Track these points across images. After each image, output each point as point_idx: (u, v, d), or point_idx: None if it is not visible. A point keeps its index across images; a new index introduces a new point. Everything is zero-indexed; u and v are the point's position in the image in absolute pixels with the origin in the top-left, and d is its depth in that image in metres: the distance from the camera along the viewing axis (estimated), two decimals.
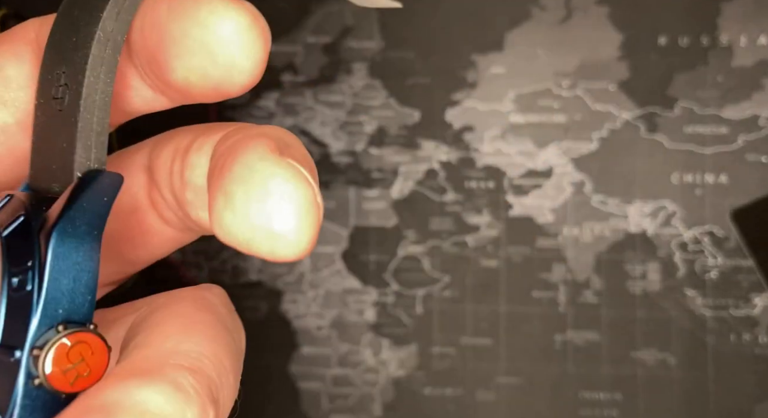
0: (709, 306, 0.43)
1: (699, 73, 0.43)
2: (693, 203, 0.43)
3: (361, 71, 0.44)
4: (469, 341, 0.44)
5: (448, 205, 0.44)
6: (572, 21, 0.44)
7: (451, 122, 0.44)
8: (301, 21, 0.45)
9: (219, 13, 0.15)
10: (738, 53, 0.43)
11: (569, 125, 0.44)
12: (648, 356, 0.43)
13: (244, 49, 0.15)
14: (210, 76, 0.15)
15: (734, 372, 0.43)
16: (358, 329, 0.44)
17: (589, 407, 0.43)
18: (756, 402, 0.42)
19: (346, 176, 0.44)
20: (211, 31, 0.15)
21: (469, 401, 0.44)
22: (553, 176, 0.44)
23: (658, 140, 0.43)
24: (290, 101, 0.44)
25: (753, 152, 0.43)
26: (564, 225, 0.44)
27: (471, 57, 0.44)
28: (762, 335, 0.43)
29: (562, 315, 0.43)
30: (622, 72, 0.43)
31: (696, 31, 0.43)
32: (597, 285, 0.43)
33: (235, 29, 0.15)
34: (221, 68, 0.15)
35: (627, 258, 0.43)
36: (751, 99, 0.43)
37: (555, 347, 0.43)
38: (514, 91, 0.44)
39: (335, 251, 0.44)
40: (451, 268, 0.44)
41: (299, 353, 0.44)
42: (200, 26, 0.15)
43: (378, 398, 0.44)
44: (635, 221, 0.43)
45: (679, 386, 0.43)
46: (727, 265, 0.43)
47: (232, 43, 0.15)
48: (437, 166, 0.44)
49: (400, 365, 0.44)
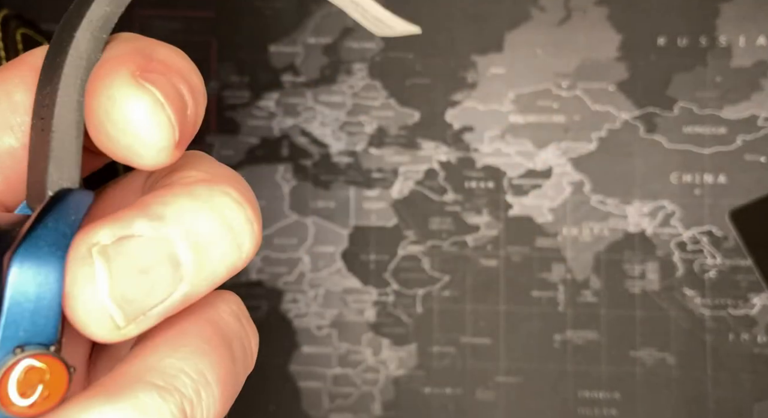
0: (708, 306, 0.43)
1: (698, 73, 0.43)
2: (692, 203, 0.43)
3: (362, 72, 0.45)
4: (469, 341, 0.44)
5: (447, 205, 0.44)
6: (571, 22, 0.44)
7: (451, 122, 0.44)
8: (301, 22, 0.45)
9: (116, 98, 0.15)
10: (737, 54, 0.43)
11: (569, 125, 0.44)
12: (647, 356, 0.43)
13: (141, 137, 0.15)
14: (114, 153, 0.16)
15: (733, 371, 0.43)
16: (358, 329, 0.44)
17: (588, 406, 0.43)
18: (755, 401, 0.42)
19: (347, 176, 0.44)
20: (107, 115, 0.15)
21: (469, 400, 0.44)
22: (553, 176, 0.44)
23: (657, 140, 0.43)
24: (291, 101, 0.45)
25: (752, 152, 0.43)
26: (563, 225, 0.44)
27: (471, 58, 0.44)
28: (760, 335, 0.43)
29: (562, 315, 0.44)
30: (621, 72, 0.44)
31: (695, 31, 0.43)
32: (596, 285, 0.43)
33: (131, 117, 0.15)
34: (121, 150, 0.15)
35: (626, 258, 0.43)
36: (750, 99, 0.43)
37: (554, 347, 0.44)
38: (513, 92, 0.44)
39: (335, 251, 0.44)
40: (450, 267, 0.44)
41: (300, 353, 0.44)
42: (100, 108, 0.15)
43: (378, 397, 0.44)
44: (634, 220, 0.43)
45: (678, 385, 0.43)
46: (726, 265, 0.43)
47: (127, 130, 0.15)
48: (437, 167, 0.44)
49: (400, 365, 0.44)
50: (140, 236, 0.15)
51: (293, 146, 0.45)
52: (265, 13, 0.45)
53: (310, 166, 0.44)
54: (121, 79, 0.15)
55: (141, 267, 0.15)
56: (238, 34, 0.45)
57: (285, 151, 0.45)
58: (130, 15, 0.45)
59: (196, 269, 0.15)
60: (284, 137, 0.44)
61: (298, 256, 0.44)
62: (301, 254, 0.44)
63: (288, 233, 0.44)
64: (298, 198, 0.44)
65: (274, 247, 0.44)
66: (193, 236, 0.15)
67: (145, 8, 0.45)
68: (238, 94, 0.45)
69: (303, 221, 0.44)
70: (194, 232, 0.15)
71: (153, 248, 0.15)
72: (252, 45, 0.45)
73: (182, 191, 0.15)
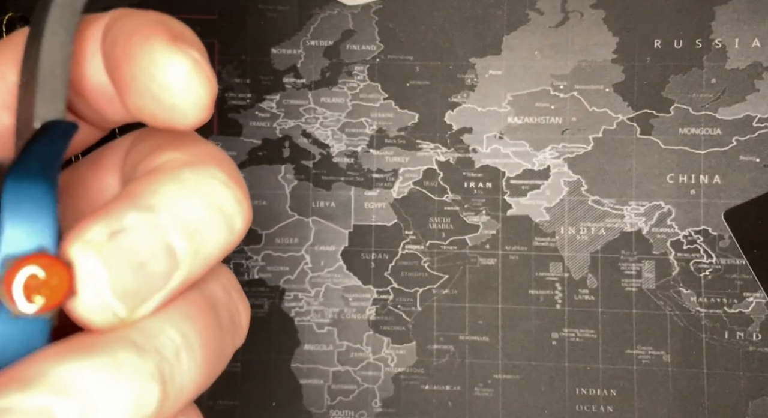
0: (704, 304, 0.43)
1: (693, 75, 0.44)
2: (687, 203, 0.43)
3: (362, 74, 0.45)
4: (468, 339, 0.44)
5: (447, 205, 0.44)
6: (568, 24, 0.44)
7: (450, 124, 0.44)
8: (302, 25, 0.45)
9: (159, 61, 0.15)
10: (732, 56, 0.43)
11: (566, 126, 0.44)
12: (643, 353, 0.43)
13: (184, 95, 0.15)
14: (156, 116, 0.16)
15: (728, 369, 0.43)
16: (358, 327, 0.44)
17: (585, 404, 0.43)
18: (750, 398, 0.43)
19: (347, 177, 0.44)
20: (152, 77, 0.15)
21: (467, 397, 0.44)
22: (550, 177, 0.44)
23: (653, 141, 0.44)
24: (292, 103, 0.45)
25: (746, 153, 0.43)
26: (560, 224, 0.44)
27: (469, 60, 0.44)
28: (755, 333, 0.43)
29: (559, 313, 0.44)
30: (617, 74, 0.44)
31: (690, 34, 0.44)
32: (593, 283, 0.44)
33: (176, 77, 0.15)
34: (165, 111, 0.16)
35: (622, 257, 0.44)
36: (745, 101, 0.43)
37: (552, 344, 0.44)
38: (511, 93, 0.44)
39: (336, 250, 0.44)
40: (449, 266, 0.44)
41: (301, 350, 0.44)
42: (144, 72, 0.16)
43: (378, 394, 0.44)
44: (630, 220, 0.44)
45: (674, 383, 0.43)
46: (721, 264, 0.43)
47: (173, 89, 0.15)
48: (436, 167, 0.44)
49: (400, 362, 0.44)
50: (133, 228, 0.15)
51: (294, 147, 0.45)
52: (267, 15, 0.45)
53: (311, 166, 0.45)
54: (161, 44, 0.15)
55: (138, 261, 0.15)
56: (241, 37, 0.45)
57: (286, 151, 0.45)
58: None
59: (192, 255, 0.15)
60: (285, 138, 0.45)
61: (299, 255, 0.44)
62: (303, 253, 0.44)
63: (289, 232, 0.45)
64: (299, 198, 0.45)
65: (275, 246, 0.44)
66: (185, 223, 0.15)
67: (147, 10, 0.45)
68: (240, 96, 0.45)
69: (304, 221, 0.44)
70: (186, 219, 0.15)
71: (147, 240, 0.15)
72: (254, 47, 0.45)
73: (169, 178, 0.16)
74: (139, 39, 0.16)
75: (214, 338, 0.16)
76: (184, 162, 0.16)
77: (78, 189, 0.18)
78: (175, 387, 0.15)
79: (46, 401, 0.13)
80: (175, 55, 0.15)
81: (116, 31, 0.16)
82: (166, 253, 0.15)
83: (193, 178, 0.16)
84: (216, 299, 0.17)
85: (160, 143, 0.17)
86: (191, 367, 0.15)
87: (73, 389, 0.14)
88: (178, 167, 0.16)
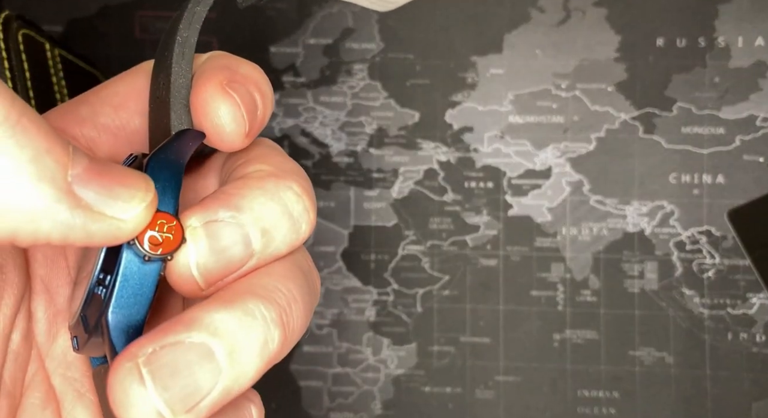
0: (707, 305, 0.43)
1: (696, 74, 0.44)
2: (690, 203, 0.43)
3: (362, 72, 0.45)
4: (469, 340, 0.44)
5: (447, 205, 0.44)
6: (570, 23, 0.44)
7: (451, 123, 0.44)
8: (302, 23, 0.45)
9: (210, 102, 0.21)
10: (735, 54, 0.43)
11: (567, 126, 0.44)
12: (646, 355, 0.43)
13: (223, 126, 0.21)
14: (209, 137, 0.21)
15: (731, 370, 0.43)
16: (358, 328, 0.44)
17: (588, 405, 0.43)
18: (753, 400, 0.43)
19: (347, 176, 0.45)
20: (205, 112, 0.21)
21: (468, 399, 0.44)
22: (552, 176, 0.44)
23: (655, 141, 0.44)
24: (291, 102, 0.45)
25: (750, 152, 0.43)
26: (562, 225, 0.44)
27: (470, 58, 0.44)
28: (759, 334, 0.43)
29: (561, 314, 0.44)
30: (620, 73, 0.44)
31: (693, 32, 0.44)
32: (595, 284, 0.44)
33: (218, 113, 0.21)
34: (213, 134, 0.21)
35: (625, 257, 0.44)
36: (749, 100, 0.43)
37: (553, 346, 0.44)
38: (512, 92, 0.44)
39: (336, 251, 0.45)
40: (450, 267, 0.44)
41: (300, 352, 0.44)
42: (201, 107, 0.21)
43: (378, 396, 0.44)
44: (633, 220, 0.44)
45: (677, 384, 0.43)
46: (725, 264, 0.43)
47: (216, 122, 0.21)
48: (437, 167, 0.44)
49: (400, 364, 0.44)
50: (222, 221, 0.19)
51: (294, 146, 0.45)
52: (266, 13, 0.45)
53: (311, 166, 0.45)
54: (214, 87, 0.21)
55: (222, 246, 0.19)
56: (239, 35, 0.45)
57: (286, 151, 0.45)
58: (132, 16, 0.45)
59: (264, 247, 0.20)
60: (285, 137, 0.45)
61: None
62: None
63: None
64: None
65: None
66: (261, 222, 0.20)
67: (146, 9, 0.45)
68: None
69: None
70: (263, 219, 0.20)
71: (232, 231, 0.20)
72: (253, 45, 0.45)
73: (255, 185, 0.20)
74: (204, 80, 0.21)
75: (307, 295, 0.20)
76: (269, 174, 0.21)
77: (187, 184, 0.23)
78: (290, 331, 0.19)
79: (203, 338, 0.18)
80: (221, 97, 0.20)
81: (201, 67, 0.22)
82: (243, 243, 0.20)
83: (273, 188, 0.20)
84: (304, 268, 0.21)
85: (251, 156, 0.21)
86: (297, 316, 0.20)
87: (222, 331, 0.18)
88: (264, 177, 0.20)
